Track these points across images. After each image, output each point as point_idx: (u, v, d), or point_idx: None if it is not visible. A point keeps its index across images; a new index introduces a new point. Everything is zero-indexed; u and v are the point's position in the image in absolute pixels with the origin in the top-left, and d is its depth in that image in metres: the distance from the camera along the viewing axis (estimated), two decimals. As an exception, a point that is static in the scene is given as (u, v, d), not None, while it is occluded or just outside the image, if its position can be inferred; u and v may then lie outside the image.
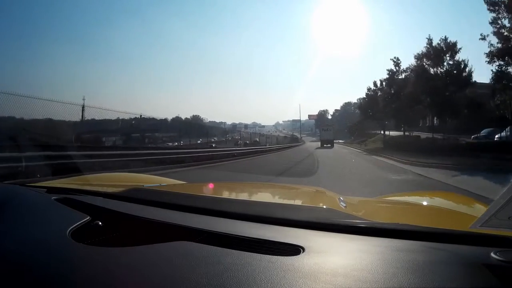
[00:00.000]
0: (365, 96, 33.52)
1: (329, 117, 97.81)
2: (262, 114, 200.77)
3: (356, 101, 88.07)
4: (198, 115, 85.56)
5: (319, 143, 42.80)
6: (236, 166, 12.87)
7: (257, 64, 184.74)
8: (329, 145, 37.83)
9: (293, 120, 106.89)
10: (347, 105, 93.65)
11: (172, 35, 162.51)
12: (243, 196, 1.59)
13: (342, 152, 27.82)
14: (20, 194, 1.11)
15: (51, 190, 1.18)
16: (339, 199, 1.25)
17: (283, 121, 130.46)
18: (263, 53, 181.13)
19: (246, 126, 79.86)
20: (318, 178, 8.74)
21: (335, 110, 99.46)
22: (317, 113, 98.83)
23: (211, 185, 1.65)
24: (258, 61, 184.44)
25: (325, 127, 46.43)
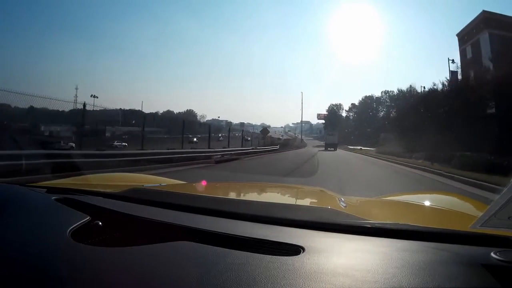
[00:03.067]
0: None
1: (343, 113, 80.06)
2: (273, 115, 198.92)
3: (380, 95, 70.12)
4: (192, 110, 79.73)
5: (319, 149, 42.41)
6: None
7: (271, 66, 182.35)
8: (332, 148, 39.40)
9: (302, 121, 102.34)
10: (368, 99, 73.12)
11: (186, 35, 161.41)
12: (243, 196, 1.59)
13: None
14: (20, 194, 1.11)
15: (51, 190, 1.18)
16: (339, 199, 1.25)
17: (292, 123, 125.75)
18: (276, 55, 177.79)
19: (242, 124, 73.47)
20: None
21: (352, 104, 77.88)
22: (327, 109, 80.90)
23: (211, 185, 1.65)
24: (272, 63, 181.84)
25: (330, 132, 48.22)
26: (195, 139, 24.49)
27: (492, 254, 0.64)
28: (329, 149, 38.80)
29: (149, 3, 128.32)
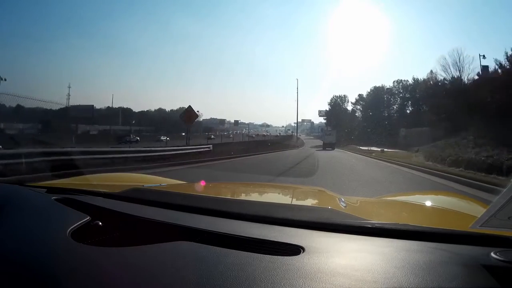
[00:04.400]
0: None
1: (349, 106, 63.94)
2: (275, 115, 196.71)
3: (391, 85, 54.76)
4: (184, 108, 77.93)
5: (317, 149, 40.37)
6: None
7: (272, 66, 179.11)
8: (330, 148, 38.09)
9: (303, 120, 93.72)
10: (378, 90, 58.09)
11: (186, 34, 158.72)
12: (243, 196, 1.59)
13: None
14: (20, 194, 1.11)
15: (51, 190, 1.18)
16: (339, 199, 1.25)
17: (294, 123, 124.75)
18: (278, 53, 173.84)
19: (236, 122, 69.02)
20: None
21: (359, 95, 61.86)
22: (329, 101, 64.97)
23: (211, 185, 1.65)
24: (273, 62, 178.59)
25: (328, 131, 46.01)
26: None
27: (492, 254, 0.64)
28: (327, 148, 38.29)
29: (145, 1, 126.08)
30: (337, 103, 64.80)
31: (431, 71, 38.38)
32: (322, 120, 71.61)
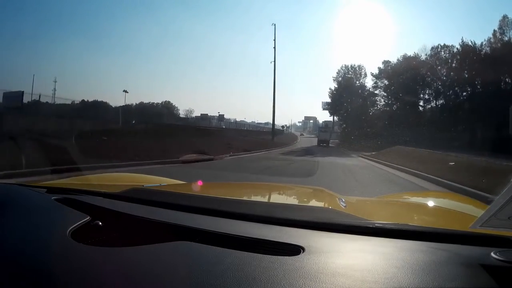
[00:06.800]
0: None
1: (368, 83, 38.14)
2: (280, 114, 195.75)
3: (428, 53, 30.41)
4: (170, 102, 64.14)
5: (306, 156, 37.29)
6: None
7: (277, 66, 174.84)
8: (324, 144, 37.50)
9: (307, 118, 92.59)
10: (410, 61, 31.67)
11: (194, 34, 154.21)
12: (244, 196, 1.59)
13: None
14: (20, 194, 1.11)
15: (51, 190, 1.18)
16: (339, 199, 1.25)
17: (298, 122, 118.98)
18: (284, 55, 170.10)
19: (221, 117, 65.93)
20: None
21: (384, 63, 35.52)
22: (335, 77, 39.91)
23: (211, 185, 1.65)
24: (278, 63, 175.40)
25: (323, 128, 45.37)
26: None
27: (492, 254, 0.64)
28: (321, 144, 37.97)
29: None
30: (348, 79, 38.91)
31: (505, 16, 22.41)
32: (328, 117, 50.25)
